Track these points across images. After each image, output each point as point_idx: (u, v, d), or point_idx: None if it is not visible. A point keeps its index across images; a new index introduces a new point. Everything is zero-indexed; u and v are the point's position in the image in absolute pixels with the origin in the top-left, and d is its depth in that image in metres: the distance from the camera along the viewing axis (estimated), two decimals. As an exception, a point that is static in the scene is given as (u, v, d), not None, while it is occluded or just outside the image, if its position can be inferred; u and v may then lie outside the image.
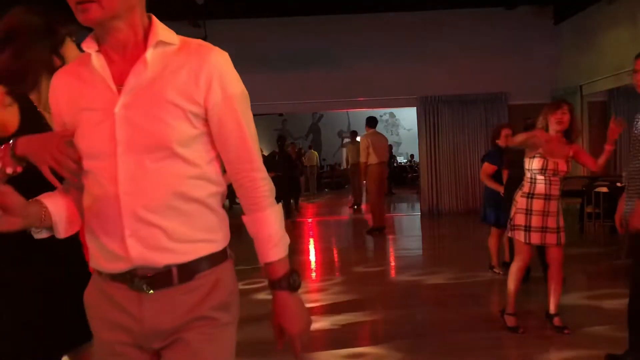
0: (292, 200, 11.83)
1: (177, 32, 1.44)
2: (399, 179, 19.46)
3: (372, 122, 9.38)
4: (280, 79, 11.41)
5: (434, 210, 11.42)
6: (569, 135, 3.97)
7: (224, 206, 1.48)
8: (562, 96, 10.60)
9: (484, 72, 10.85)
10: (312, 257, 7.90)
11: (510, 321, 4.05)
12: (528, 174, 3.93)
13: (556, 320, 4.01)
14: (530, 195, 3.87)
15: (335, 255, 7.93)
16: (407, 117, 20.80)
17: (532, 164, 3.87)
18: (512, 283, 4.04)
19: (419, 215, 11.66)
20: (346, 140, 22.89)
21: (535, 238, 3.86)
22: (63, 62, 1.90)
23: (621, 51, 8.95)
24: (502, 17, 10.70)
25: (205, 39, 8.62)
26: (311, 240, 9.45)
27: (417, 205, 12.58)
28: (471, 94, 11.01)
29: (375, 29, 11.31)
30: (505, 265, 5.89)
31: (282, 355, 3.73)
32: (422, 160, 11.65)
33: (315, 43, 11.37)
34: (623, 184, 6.66)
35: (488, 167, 5.76)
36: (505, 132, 5.84)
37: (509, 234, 4.04)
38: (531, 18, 10.87)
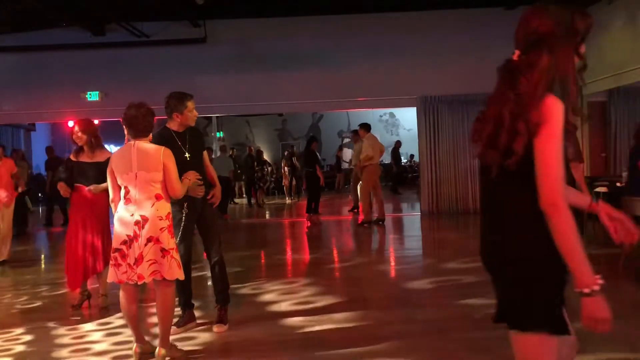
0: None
1: (177, 32, 1.43)
2: (399, 178, 19.45)
3: (368, 127, 10.43)
4: (280, 79, 11.41)
5: (434, 210, 11.42)
6: None
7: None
8: (562, 96, 10.60)
9: (484, 72, 10.78)
10: (312, 257, 7.89)
11: None
12: None
13: None
14: None
15: (335, 256, 7.93)
16: (407, 117, 20.79)
17: None
18: None
19: (419, 215, 11.66)
20: (346, 140, 22.87)
21: None
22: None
23: (621, 51, 8.95)
24: (502, 17, 10.68)
25: (205, 39, 8.69)
26: (311, 240, 9.45)
27: (417, 205, 12.58)
28: (471, 94, 10.98)
29: (375, 29, 11.31)
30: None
31: (281, 355, 3.75)
32: (422, 160, 11.65)
33: (315, 43, 11.37)
34: (623, 184, 6.66)
35: None
36: None
37: None
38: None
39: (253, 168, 15.41)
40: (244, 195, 16.64)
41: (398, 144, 18.74)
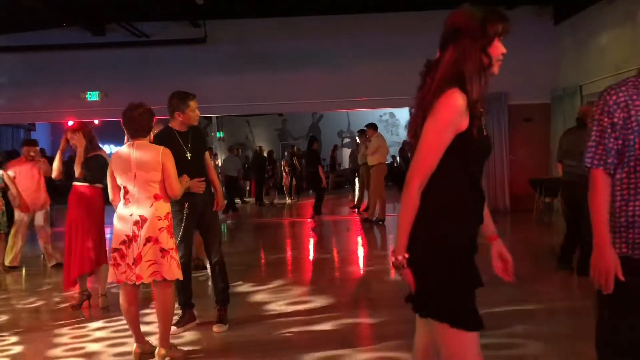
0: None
1: (177, 32, 1.42)
2: (400, 179, 19.45)
3: (376, 126, 10.78)
4: (280, 79, 11.40)
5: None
6: None
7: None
8: (562, 96, 10.60)
9: (483, 72, 10.83)
10: (312, 256, 7.90)
11: None
12: None
13: None
14: None
15: (335, 255, 7.93)
16: (407, 117, 20.77)
17: None
18: None
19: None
20: (346, 140, 22.87)
21: None
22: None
23: (621, 51, 8.94)
24: (502, 17, 10.67)
25: (205, 39, 8.71)
26: (311, 240, 9.45)
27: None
28: (471, 94, 11.00)
29: (375, 29, 11.30)
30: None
31: (281, 355, 3.75)
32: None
33: (315, 43, 11.36)
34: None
35: None
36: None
37: None
38: (531, 18, 10.85)
39: (263, 168, 15.58)
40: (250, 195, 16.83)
41: (406, 143, 18.77)
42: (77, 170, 4.91)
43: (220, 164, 14.52)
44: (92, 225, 4.96)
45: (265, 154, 17.35)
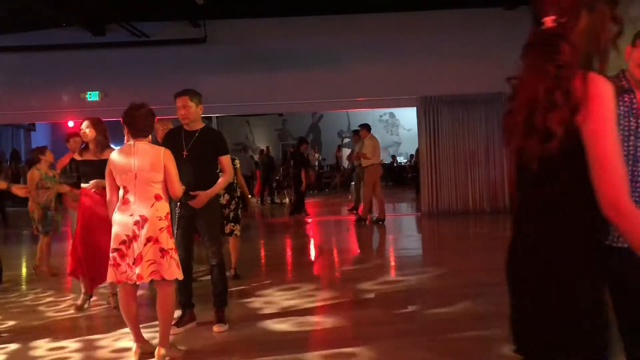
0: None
1: (177, 32, 1.42)
2: (399, 179, 19.47)
3: (369, 127, 10.74)
4: (280, 79, 11.41)
5: (433, 211, 11.41)
6: None
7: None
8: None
9: (483, 72, 10.83)
10: (312, 256, 7.90)
11: None
12: None
13: None
14: None
15: (335, 255, 7.93)
16: (407, 117, 20.81)
17: None
18: None
19: (419, 216, 11.66)
20: (346, 140, 22.87)
21: None
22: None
23: (621, 51, 8.95)
24: (502, 17, 10.69)
25: (205, 39, 8.70)
26: (311, 240, 9.45)
27: (418, 205, 12.58)
28: (471, 94, 11.00)
29: (375, 29, 11.30)
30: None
31: (281, 355, 3.75)
32: (422, 160, 11.64)
33: (315, 43, 11.37)
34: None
35: None
36: None
37: None
38: (531, 18, 10.84)
39: (270, 168, 15.81)
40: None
41: None
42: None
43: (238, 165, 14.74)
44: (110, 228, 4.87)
45: (272, 155, 17.64)
